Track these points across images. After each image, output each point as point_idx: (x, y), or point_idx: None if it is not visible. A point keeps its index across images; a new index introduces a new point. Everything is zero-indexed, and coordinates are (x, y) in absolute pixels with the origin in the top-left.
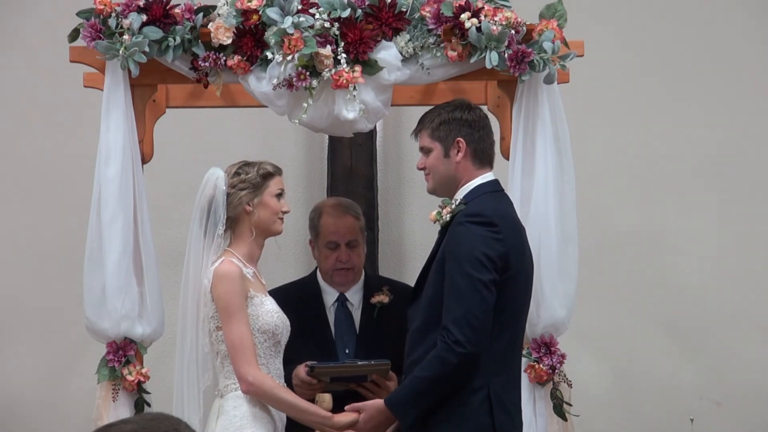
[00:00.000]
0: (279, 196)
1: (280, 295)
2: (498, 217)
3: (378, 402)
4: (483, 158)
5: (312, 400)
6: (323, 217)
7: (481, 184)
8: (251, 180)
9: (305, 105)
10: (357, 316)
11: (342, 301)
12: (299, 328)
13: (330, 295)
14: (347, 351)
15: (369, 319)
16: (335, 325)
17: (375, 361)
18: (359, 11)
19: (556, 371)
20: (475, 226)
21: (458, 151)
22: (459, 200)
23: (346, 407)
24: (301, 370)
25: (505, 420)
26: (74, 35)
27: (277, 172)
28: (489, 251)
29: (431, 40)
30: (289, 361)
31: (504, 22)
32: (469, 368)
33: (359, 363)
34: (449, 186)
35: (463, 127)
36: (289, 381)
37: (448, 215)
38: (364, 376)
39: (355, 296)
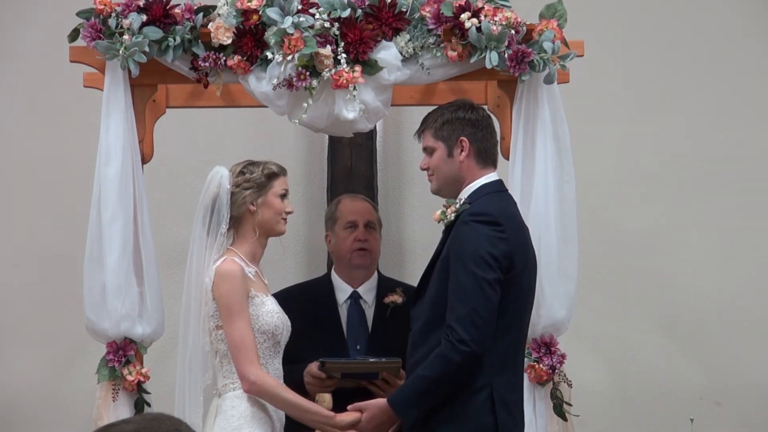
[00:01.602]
0: (283, 196)
1: (293, 293)
2: (502, 216)
3: (381, 401)
4: (486, 158)
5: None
6: (341, 203)
7: (485, 183)
8: (256, 179)
9: (305, 105)
10: (370, 314)
11: (355, 298)
12: (312, 326)
13: (343, 293)
14: (358, 347)
15: (381, 318)
16: (347, 321)
17: (386, 359)
18: (359, 11)
19: (556, 371)
20: (480, 226)
21: (462, 151)
22: (463, 200)
23: (348, 407)
24: (313, 366)
25: (508, 419)
26: (74, 35)
27: (282, 172)
28: (493, 250)
29: (431, 40)
30: (301, 360)
31: (504, 22)
32: (473, 367)
33: (370, 360)
34: (453, 186)
35: (466, 127)
36: (300, 380)
37: (453, 215)
38: (375, 373)
39: (368, 294)
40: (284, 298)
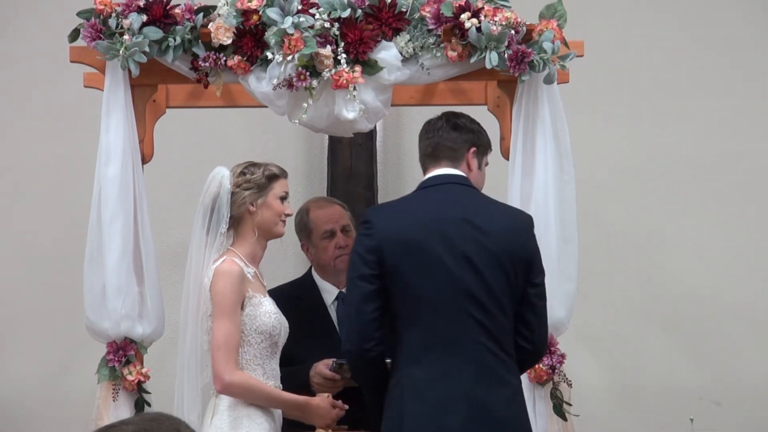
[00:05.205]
0: (283, 198)
1: (278, 295)
2: (375, 213)
3: None
4: (426, 159)
5: (335, 397)
6: (311, 212)
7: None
8: (256, 180)
9: (305, 105)
10: None
11: (342, 298)
12: (301, 327)
13: (329, 294)
14: None
15: None
16: (338, 322)
17: None
18: (359, 11)
19: (556, 371)
20: (359, 228)
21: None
22: None
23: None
24: (322, 367)
25: (419, 408)
26: (74, 35)
27: (283, 174)
28: (359, 248)
29: (431, 40)
30: (298, 361)
31: (504, 22)
32: (362, 363)
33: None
34: None
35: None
36: (304, 381)
37: None
38: None
39: None
40: (278, 298)
